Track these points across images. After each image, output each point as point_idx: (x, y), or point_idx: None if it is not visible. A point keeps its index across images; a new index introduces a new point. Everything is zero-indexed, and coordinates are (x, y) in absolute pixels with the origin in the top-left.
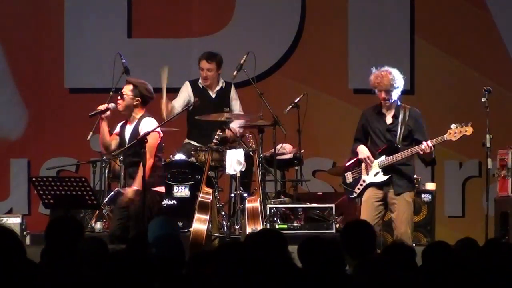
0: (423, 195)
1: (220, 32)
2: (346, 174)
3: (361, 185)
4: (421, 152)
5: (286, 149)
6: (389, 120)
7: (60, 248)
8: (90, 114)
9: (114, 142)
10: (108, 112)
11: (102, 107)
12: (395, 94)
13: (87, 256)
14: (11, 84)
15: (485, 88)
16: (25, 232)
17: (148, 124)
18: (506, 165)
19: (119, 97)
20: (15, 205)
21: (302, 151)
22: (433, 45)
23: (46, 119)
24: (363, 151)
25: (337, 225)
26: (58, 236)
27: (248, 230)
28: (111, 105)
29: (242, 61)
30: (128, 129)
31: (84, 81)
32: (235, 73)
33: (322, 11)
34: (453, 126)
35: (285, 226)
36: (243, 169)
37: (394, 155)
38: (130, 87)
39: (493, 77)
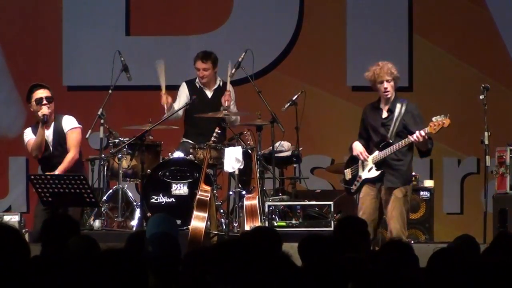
0: (421, 193)
1: (218, 30)
2: (345, 171)
3: (358, 181)
4: (413, 141)
5: (284, 147)
6: (384, 114)
7: (55, 246)
8: (41, 124)
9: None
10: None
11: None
12: (394, 85)
13: (78, 255)
14: (9, 81)
15: (483, 85)
16: (23, 230)
17: (70, 121)
18: (504, 162)
19: (46, 102)
20: (14, 203)
21: (300, 149)
22: (431, 42)
23: None
24: (356, 147)
25: (336, 223)
26: (52, 234)
27: (247, 227)
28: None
29: (240, 59)
30: (49, 131)
31: (82, 79)
32: (233, 70)
33: (320, 8)
34: (433, 118)
35: (283, 223)
36: (242, 167)
37: (385, 150)
38: (50, 91)
39: (491, 74)
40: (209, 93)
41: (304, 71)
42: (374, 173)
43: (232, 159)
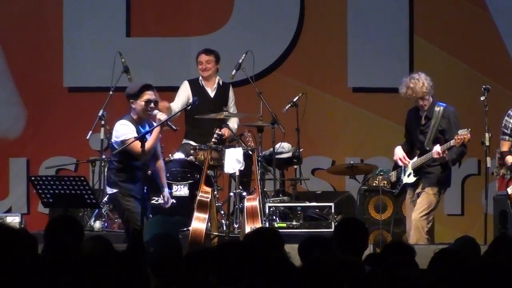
0: None
1: (219, 31)
2: (391, 173)
3: (399, 184)
4: (434, 157)
5: (285, 148)
6: (422, 121)
7: (60, 248)
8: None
9: None
10: None
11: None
12: (431, 98)
13: (91, 256)
14: (10, 83)
15: (484, 86)
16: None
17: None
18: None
19: (154, 106)
20: (14, 204)
21: (301, 150)
22: (432, 44)
23: (45, 118)
24: (397, 152)
25: (336, 224)
26: (57, 236)
27: (247, 229)
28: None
29: (240, 60)
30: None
31: (83, 80)
32: (234, 72)
33: (321, 9)
34: (459, 131)
35: (284, 224)
36: (242, 168)
37: (421, 157)
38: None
39: (492, 75)
40: (211, 93)
41: (305, 72)
42: (412, 178)
43: (233, 160)
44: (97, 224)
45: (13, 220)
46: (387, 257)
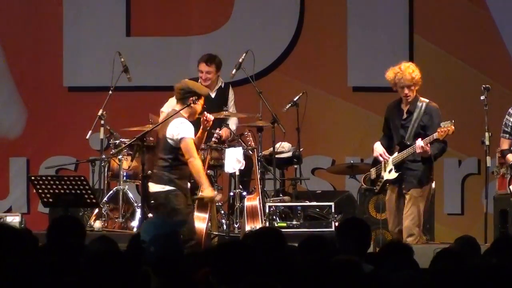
0: None
1: (219, 30)
2: (371, 170)
3: (380, 181)
4: (417, 152)
5: (285, 148)
6: (404, 115)
7: (62, 247)
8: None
9: None
10: None
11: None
12: (415, 88)
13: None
14: (10, 82)
15: (484, 86)
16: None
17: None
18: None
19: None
20: (14, 204)
21: (301, 150)
22: (432, 43)
23: (45, 117)
24: (377, 148)
25: (336, 223)
26: (59, 236)
27: (247, 228)
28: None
29: (241, 60)
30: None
31: (82, 80)
32: (234, 71)
33: (321, 8)
34: (442, 124)
35: (284, 224)
36: (242, 168)
37: (402, 152)
38: None
39: (492, 75)
40: (212, 93)
41: (305, 71)
42: (394, 174)
43: (233, 160)
44: (97, 224)
45: (13, 219)
46: (386, 256)
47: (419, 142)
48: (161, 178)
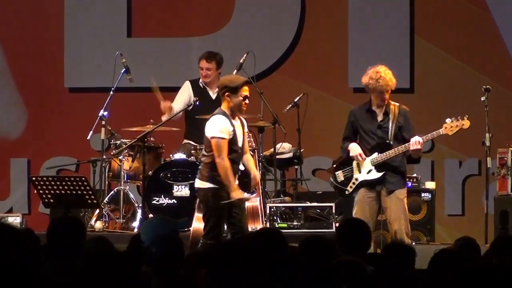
0: (423, 194)
1: (220, 31)
2: (336, 173)
3: (354, 183)
4: (411, 149)
5: (285, 148)
6: (380, 117)
7: (62, 248)
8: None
9: None
10: None
11: None
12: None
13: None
14: (11, 83)
15: (484, 87)
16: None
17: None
18: (505, 164)
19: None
20: (15, 205)
21: (302, 150)
22: (433, 44)
23: (46, 118)
24: (354, 148)
25: (337, 224)
26: (60, 236)
27: (248, 229)
28: None
29: (241, 61)
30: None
31: (83, 81)
32: (234, 72)
33: (322, 9)
34: (448, 120)
35: (285, 225)
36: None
37: (387, 152)
38: None
39: (492, 75)
40: (212, 94)
41: (306, 72)
42: (375, 174)
43: None
44: (98, 225)
45: (14, 220)
46: (388, 257)
47: (417, 138)
48: (203, 175)
